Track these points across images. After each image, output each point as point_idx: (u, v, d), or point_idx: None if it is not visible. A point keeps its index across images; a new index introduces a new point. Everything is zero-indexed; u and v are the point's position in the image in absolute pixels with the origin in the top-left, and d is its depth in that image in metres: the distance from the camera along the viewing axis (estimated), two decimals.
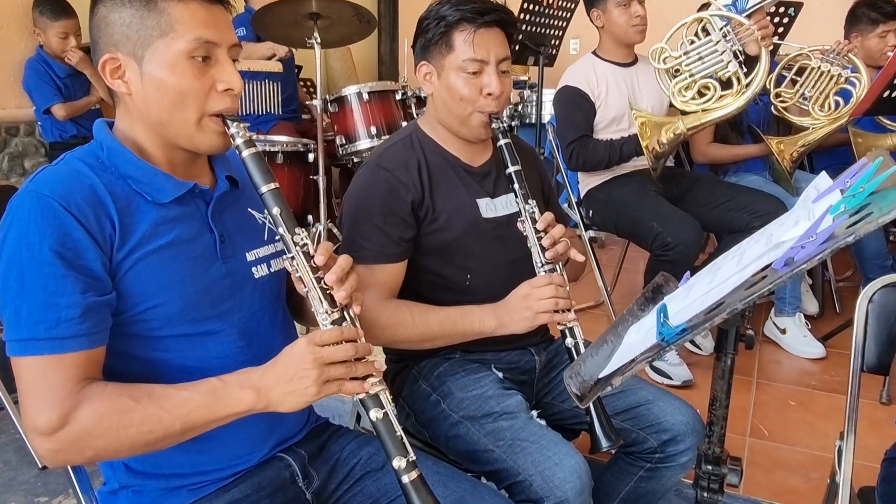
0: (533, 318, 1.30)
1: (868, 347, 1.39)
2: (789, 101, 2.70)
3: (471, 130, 1.42)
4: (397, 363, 1.54)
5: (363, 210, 1.40)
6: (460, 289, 1.46)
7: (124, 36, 0.96)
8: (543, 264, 1.33)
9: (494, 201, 1.49)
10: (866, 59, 2.99)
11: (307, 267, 0.99)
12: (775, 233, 0.88)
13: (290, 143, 2.92)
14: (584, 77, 2.53)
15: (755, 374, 2.47)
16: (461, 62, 1.36)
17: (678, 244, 2.19)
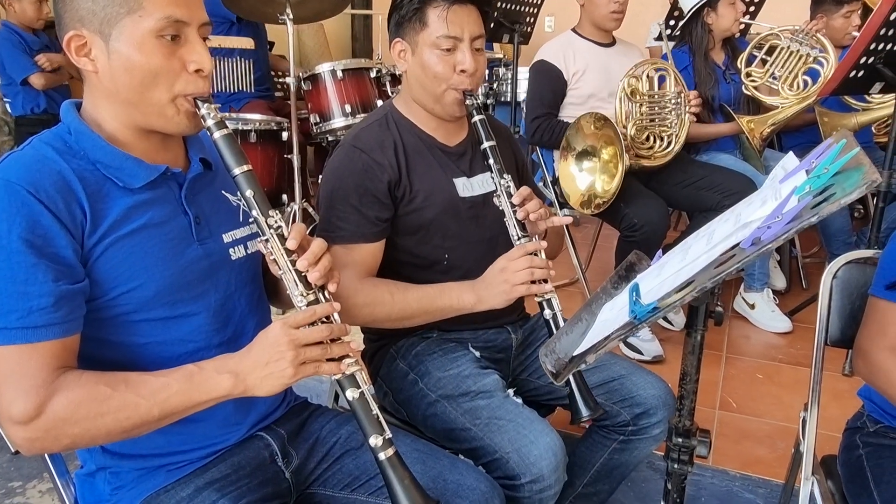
0: (510, 290, 1.31)
1: (832, 322, 1.43)
2: (759, 81, 2.74)
3: (445, 108, 1.42)
4: (375, 342, 1.55)
5: (339, 191, 1.40)
6: (439, 268, 1.47)
7: (90, 12, 0.94)
8: (520, 237, 1.34)
9: (471, 180, 1.49)
10: (831, 39, 3.03)
11: (281, 250, 0.99)
12: (744, 212, 0.90)
13: (264, 121, 2.89)
14: (561, 54, 2.54)
15: (724, 349, 2.53)
16: (435, 39, 1.36)
17: (643, 225, 2.23)
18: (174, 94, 0.97)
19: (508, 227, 1.36)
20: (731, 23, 2.76)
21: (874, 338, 1.21)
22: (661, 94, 2.46)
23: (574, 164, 2.39)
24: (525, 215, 1.33)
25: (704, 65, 2.77)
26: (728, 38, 2.86)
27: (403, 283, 1.40)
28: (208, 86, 1.01)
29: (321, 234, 1.43)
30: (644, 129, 2.45)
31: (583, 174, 2.40)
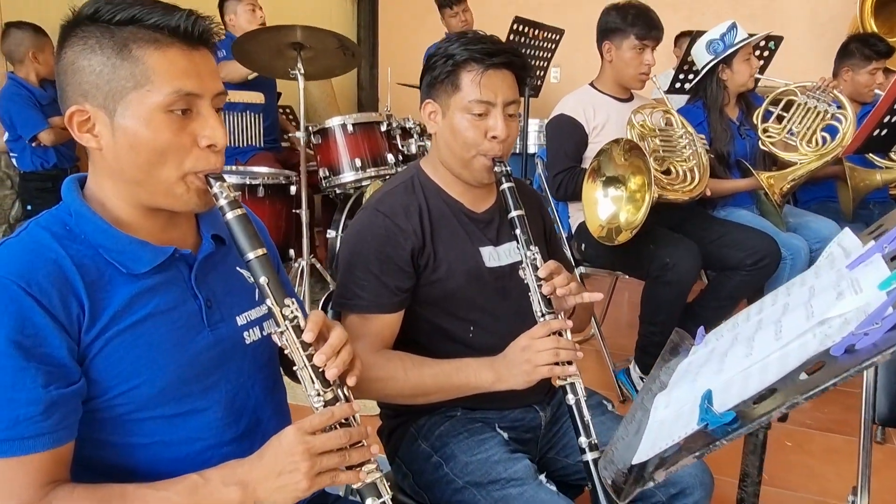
0: (531, 371, 1.22)
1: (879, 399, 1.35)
2: (777, 137, 2.71)
3: (473, 174, 1.36)
4: (394, 419, 1.46)
5: (359, 256, 1.33)
6: (463, 341, 1.39)
7: (94, 86, 0.86)
8: (544, 314, 1.26)
9: (498, 249, 1.42)
10: (853, 93, 3.03)
11: (297, 343, 0.91)
12: (816, 304, 0.83)
13: (272, 175, 2.84)
14: (580, 107, 2.51)
15: None
16: (467, 103, 1.30)
17: (676, 264, 2.16)
18: (184, 172, 0.89)
19: (532, 303, 1.28)
20: (747, 79, 2.74)
21: None
22: (672, 131, 2.43)
23: (601, 188, 2.29)
24: (551, 290, 1.26)
25: (720, 121, 2.74)
26: (742, 93, 2.84)
27: (419, 357, 1.32)
28: (222, 161, 0.93)
29: (337, 300, 1.36)
30: (663, 160, 2.39)
31: (607, 201, 2.30)
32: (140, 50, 0.85)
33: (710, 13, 4.77)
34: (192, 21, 0.88)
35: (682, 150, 2.42)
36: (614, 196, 2.30)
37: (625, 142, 2.24)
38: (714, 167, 2.74)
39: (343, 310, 1.35)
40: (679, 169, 2.38)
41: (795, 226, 2.71)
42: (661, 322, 2.29)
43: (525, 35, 3.16)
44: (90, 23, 0.86)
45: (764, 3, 4.66)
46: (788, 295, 0.99)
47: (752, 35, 2.74)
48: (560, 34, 3.33)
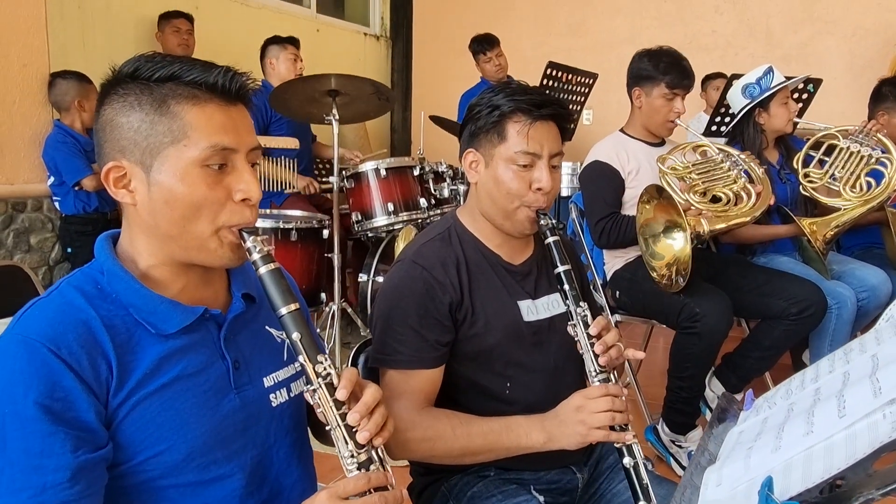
0: (586, 433, 1.18)
1: None
2: (818, 182, 2.64)
3: (515, 225, 1.33)
4: (424, 476, 1.41)
5: (398, 311, 1.29)
6: (500, 398, 1.34)
7: (132, 142, 0.86)
8: (598, 372, 1.21)
9: (536, 303, 1.38)
10: (890, 136, 2.94)
11: (330, 402, 0.88)
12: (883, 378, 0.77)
13: (305, 219, 2.85)
14: (614, 153, 2.48)
15: None
16: (512, 154, 1.28)
17: (706, 315, 2.09)
18: (218, 226, 0.89)
19: (586, 362, 1.23)
20: (785, 122, 2.69)
21: None
22: (708, 161, 2.39)
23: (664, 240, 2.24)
24: (604, 349, 1.21)
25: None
26: (781, 136, 2.79)
27: (466, 415, 1.27)
28: (255, 215, 0.93)
29: (376, 356, 1.32)
30: (705, 191, 2.32)
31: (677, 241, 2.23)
32: (178, 106, 0.86)
33: (745, 55, 4.74)
34: (229, 77, 0.88)
35: (726, 175, 2.34)
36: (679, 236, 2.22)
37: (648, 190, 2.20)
38: None
39: (382, 366, 1.32)
40: (728, 193, 2.29)
41: (840, 273, 2.61)
42: (688, 377, 2.21)
43: (559, 80, 3.16)
44: (130, 80, 0.87)
45: (799, 44, 4.62)
46: (847, 363, 0.93)
47: (790, 78, 2.70)
48: (594, 78, 3.32)
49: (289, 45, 3.35)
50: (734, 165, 2.35)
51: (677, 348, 2.26)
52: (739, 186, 2.29)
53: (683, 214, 2.09)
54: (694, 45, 4.87)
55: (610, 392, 1.19)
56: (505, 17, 5.22)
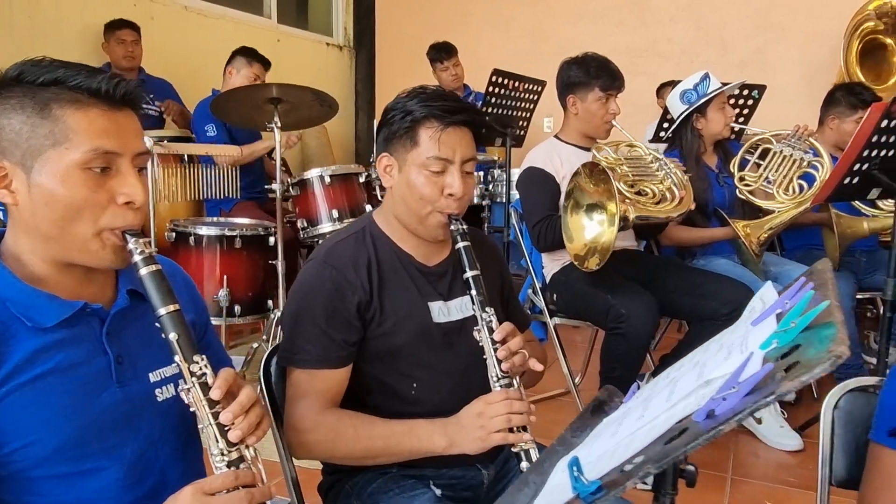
0: (486, 437, 1.19)
1: (836, 460, 1.28)
2: (754, 185, 2.69)
3: (428, 230, 1.34)
4: (331, 475, 1.41)
5: (306, 310, 1.30)
6: (406, 398, 1.35)
7: (13, 143, 0.87)
8: (499, 378, 1.23)
9: (448, 304, 1.39)
10: (840, 141, 3.00)
11: (203, 401, 0.90)
12: (708, 364, 0.79)
13: (250, 226, 2.86)
14: (548, 158, 2.52)
15: (730, 471, 2.34)
16: (425, 159, 1.29)
17: (631, 316, 2.12)
18: (100, 228, 0.90)
19: (489, 367, 1.25)
20: (721, 127, 2.74)
21: (879, 492, 1.07)
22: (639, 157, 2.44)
23: (585, 216, 2.29)
24: (507, 354, 1.23)
25: (696, 169, 2.73)
26: (720, 141, 2.84)
27: (369, 417, 1.28)
28: (139, 219, 0.94)
29: (283, 355, 1.33)
30: (634, 183, 2.36)
31: (593, 224, 2.29)
32: (61, 109, 0.87)
33: (700, 62, 4.81)
34: (113, 83, 0.90)
35: (654, 173, 2.39)
36: (599, 220, 2.28)
37: (588, 166, 2.24)
38: (692, 216, 2.72)
39: (289, 365, 1.32)
40: (655, 189, 2.34)
41: (777, 274, 2.66)
42: (617, 378, 2.23)
43: (505, 87, 3.19)
44: (15, 84, 0.88)
45: (753, 51, 4.70)
46: (705, 351, 0.95)
47: (726, 84, 2.76)
48: (542, 85, 3.36)
49: (256, 63, 3.33)
50: (661, 167, 2.39)
51: (606, 350, 2.29)
52: (665, 186, 2.34)
53: (616, 196, 2.12)
54: (651, 52, 4.95)
55: (510, 396, 1.20)
56: (466, 24, 5.28)
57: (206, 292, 2.74)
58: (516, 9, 5.25)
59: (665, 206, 2.30)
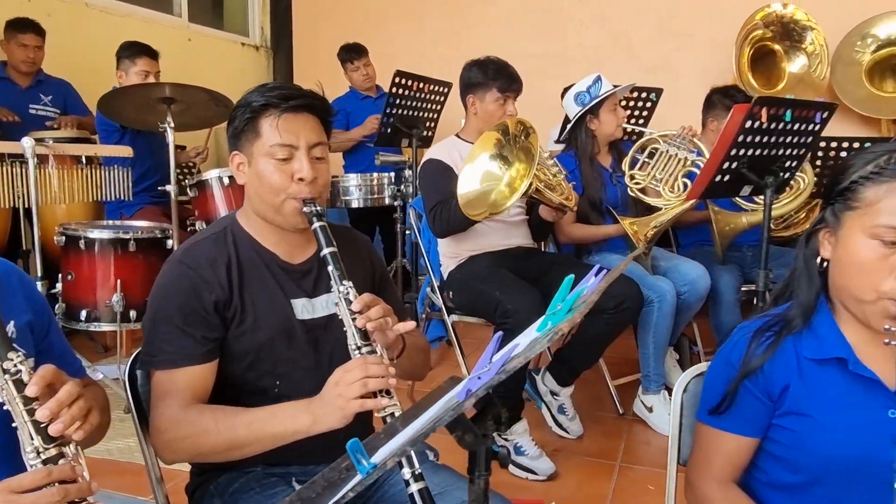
0: (344, 405, 1.16)
1: (684, 441, 1.35)
2: (643, 183, 2.80)
3: (286, 219, 1.35)
4: (197, 476, 1.40)
5: (162, 310, 1.29)
6: (270, 396, 1.35)
7: None
8: (359, 346, 1.22)
9: (313, 301, 1.40)
10: None
11: (17, 398, 0.88)
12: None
13: (147, 229, 2.79)
14: (446, 153, 2.57)
15: (619, 458, 2.43)
16: (269, 148, 1.30)
17: (517, 311, 2.18)
18: None
19: (348, 337, 1.25)
20: (614, 128, 2.85)
21: (700, 467, 1.14)
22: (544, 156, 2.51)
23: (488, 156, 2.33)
24: (366, 322, 1.22)
25: (590, 169, 2.83)
26: (614, 141, 2.95)
27: (232, 408, 1.27)
28: None
29: (142, 358, 1.32)
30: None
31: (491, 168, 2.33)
32: None
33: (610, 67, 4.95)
34: None
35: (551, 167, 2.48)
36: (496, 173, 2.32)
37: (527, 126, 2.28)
38: (587, 214, 2.82)
39: (149, 368, 1.31)
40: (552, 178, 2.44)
41: (666, 269, 2.78)
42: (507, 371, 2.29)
43: (408, 88, 3.22)
44: None
45: (658, 57, 4.88)
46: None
47: (617, 86, 2.87)
48: (448, 87, 3.41)
49: (140, 57, 3.15)
50: (555, 164, 2.49)
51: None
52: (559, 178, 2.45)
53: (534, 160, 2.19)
54: (563, 56, 5.07)
55: (367, 361, 1.18)
56: (382, 26, 5.29)
57: (99, 298, 2.66)
58: (431, 13, 5.30)
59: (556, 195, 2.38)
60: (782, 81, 4.26)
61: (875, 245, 0.96)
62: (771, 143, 2.19)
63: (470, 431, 0.84)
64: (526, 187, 2.16)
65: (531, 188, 2.22)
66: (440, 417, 0.63)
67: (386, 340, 1.27)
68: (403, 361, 1.36)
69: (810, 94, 4.13)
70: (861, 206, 0.99)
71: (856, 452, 0.99)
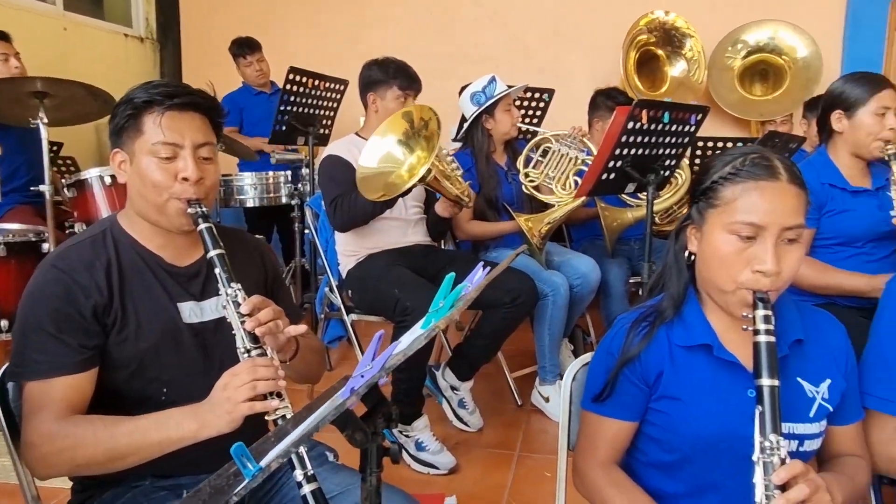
0: (232, 409, 1.13)
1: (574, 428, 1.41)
2: (537, 181, 2.90)
3: (170, 220, 1.30)
4: (80, 493, 1.33)
5: (33, 318, 1.21)
6: (158, 403, 1.29)
7: None
8: (248, 350, 1.19)
9: (202, 304, 1.36)
10: None
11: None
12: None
13: (20, 232, 2.59)
14: (346, 150, 2.56)
15: (518, 448, 2.51)
16: (151, 146, 1.25)
17: (415, 309, 2.21)
18: None
19: (237, 340, 1.22)
20: (509, 127, 2.93)
21: (585, 453, 1.20)
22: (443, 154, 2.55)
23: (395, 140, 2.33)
24: (256, 324, 1.20)
25: (487, 167, 2.90)
26: (509, 140, 3.03)
27: (113, 417, 1.20)
28: None
29: (12, 370, 1.23)
30: None
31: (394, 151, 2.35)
32: None
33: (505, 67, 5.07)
34: None
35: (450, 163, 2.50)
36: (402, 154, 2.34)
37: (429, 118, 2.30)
38: (484, 211, 2.88)
39: (20, 380, 1.23)
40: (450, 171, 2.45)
41: (559, 264, 2.89)
42: (405, 369, 2.32)
43: (303, 85, 3.17)
44: None
45: (551, 59, 5.04)
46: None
47: (511, 87, 2.95)
48: (344, 84, 3.38)
49: None
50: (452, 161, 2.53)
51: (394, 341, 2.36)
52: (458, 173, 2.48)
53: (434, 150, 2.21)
54: (460, 56, 5.14)
55: (255, 364, 1.16)
56: (278, 22, 5.16)
57: None
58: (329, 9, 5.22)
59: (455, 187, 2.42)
60: (665, 84, 4.52)
61: (733, 240, 1.05)
62: (651, 143, 2.33)
63: (360, 430, 0.85)
64: (424, 172, 2.18)
65: (430, 175, 2.24)
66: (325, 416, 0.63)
67: (277, 343, 1.26)
68: (297, 364, 1.35)
69: (690, 98, 4.41)
70: (721, 204, 1.07)
71: (720, 430, 1.08)
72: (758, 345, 0.99)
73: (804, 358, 1.12)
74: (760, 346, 0.99)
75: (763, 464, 0.95)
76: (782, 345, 1.09)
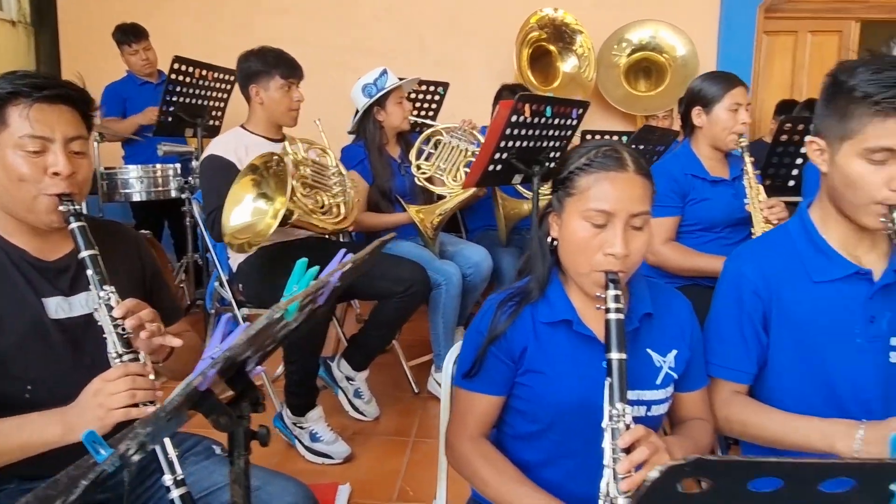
0: (104, 416, 1.13)
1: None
2: (429, 172, 2.96)
3: (38, 217, 1.25)
4: None
5: None
6: (21, 404, 1.24)
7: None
8: (120, 354, 1.18)
9: (70, 300, 1.31)
10: None
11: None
12: None
13: None
14: (232, 147, 2.50)
15: (413, 434, 2.57)
16: (18, 139, 1.20)
17: None
18: None
19: (108, 345, 1.20)
20: (401, 120, 2.96)
21: (456, 428, 1.26)
22: (325, 165, 2.56)
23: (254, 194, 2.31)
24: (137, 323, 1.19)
25: (380, 159, 2.92)
26: (403, 132, 3.06)
27: None
28: None
29: None
30: (312, 187, 2.47)
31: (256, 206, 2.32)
32: None
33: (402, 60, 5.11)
34: None
35: (332, 186, 2.52)
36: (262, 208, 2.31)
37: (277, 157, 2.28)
38: (378, 202, 2.91)
39: None
40: (326, 201, 2.48)
41: (452, 253, 2.96)
42: (297, 361, 2.33)
43: (190, 75, 3.08)
44: None
45: (447, 52, 5.12)
46: None
47: (402, 79, 2.98)
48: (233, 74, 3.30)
49: None
50: (340, 183, 2.56)
51: None
52: (336, 201, 2.51)
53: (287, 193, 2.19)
54: (357, 48, 5.12)
55: (130, 371, 1.16)
56: (165, 6, 4.96)
57: None
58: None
59: (328, 219, 2.46)
60: (558, 80, 4.69)
61: (587, 226, 1.14)
62: (535, 136, 2.43)
63: (224, 414, 0.87)
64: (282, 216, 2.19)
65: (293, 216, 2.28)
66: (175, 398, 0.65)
67: (150, 346, 1.25)
68: (171, 363, 1.34)
69: (581, 93, 4.60)
70: (576, 192, 1.16)
71: (578, 399, 1.17)
72: (608, 322, 1.08)
73: (653, 330, 1.23)
74: (611, 322, 1.08)
75: (611, 430, 1.04)
76: (633, 318, 1.19)
